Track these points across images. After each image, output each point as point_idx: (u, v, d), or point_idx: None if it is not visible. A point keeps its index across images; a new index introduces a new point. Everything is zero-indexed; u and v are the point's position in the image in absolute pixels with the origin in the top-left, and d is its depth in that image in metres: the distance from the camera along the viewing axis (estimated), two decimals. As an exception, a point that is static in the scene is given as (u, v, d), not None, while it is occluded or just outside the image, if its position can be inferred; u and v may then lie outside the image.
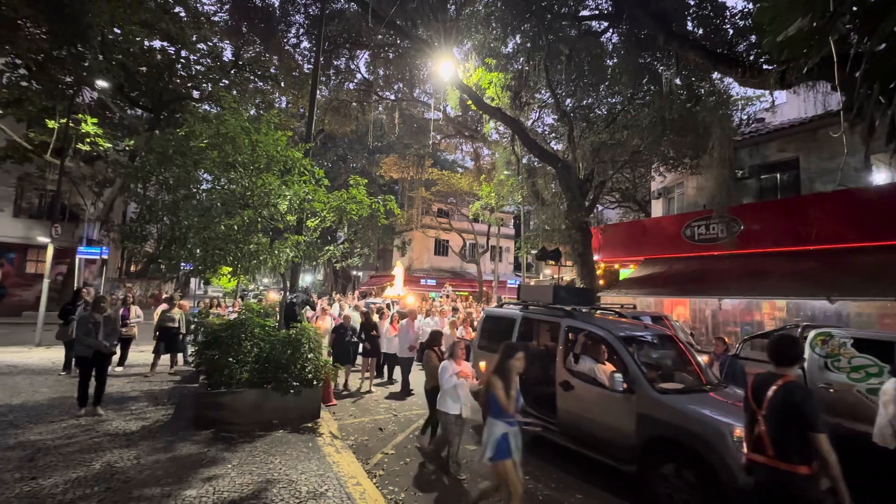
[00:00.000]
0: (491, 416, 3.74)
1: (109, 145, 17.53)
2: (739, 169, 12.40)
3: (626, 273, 15.11)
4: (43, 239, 16.77)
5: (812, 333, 5.99)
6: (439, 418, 5.00)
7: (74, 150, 16.79)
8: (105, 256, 17.78)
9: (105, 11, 12.94)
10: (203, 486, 4.15)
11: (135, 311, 9.38)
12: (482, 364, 5.26)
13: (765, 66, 8.01)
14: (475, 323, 10.44)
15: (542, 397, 5.88)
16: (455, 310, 13.55)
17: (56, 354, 8.05)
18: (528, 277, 27.73)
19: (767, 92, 9.83)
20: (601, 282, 13.81)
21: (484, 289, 27.76)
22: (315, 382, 6.40)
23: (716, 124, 9.85)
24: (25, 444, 4.88)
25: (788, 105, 15.03)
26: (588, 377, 5.22)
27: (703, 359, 5.99)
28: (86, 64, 14.57)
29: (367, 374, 9.10)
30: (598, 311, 6.82)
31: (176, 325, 9.25)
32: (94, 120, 16.40)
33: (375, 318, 9.61)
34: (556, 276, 28.44)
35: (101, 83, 15.60)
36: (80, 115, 16.12)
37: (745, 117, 14.66)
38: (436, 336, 6.01)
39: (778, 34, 2.42)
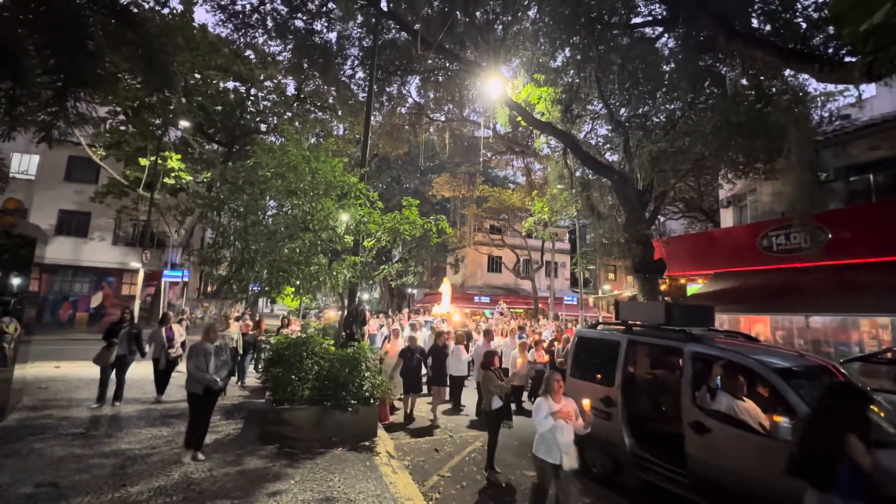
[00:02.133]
0: (842, 499, 2.70)
1: (190, 178, 19.50)
2: (822, 171, 11.24)
3: (693, 288, 14.07)
4: (135, 264, 18.85)
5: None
6: (534, 464, 4.27)
7: (162, 183, 18.86)
8: (186, 279, 19.55)
9: (187, 60, 14.64)
10: (268, 501, 4.32)
11: (178, 330, 8.40)
12: (586, 402, 4.30)
13: (847, 59, 7.26)
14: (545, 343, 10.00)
15: (659, 439, 5.02)
16: (521, 328, 12.28)
17: (147, 370, 8.66)
18: (587, 294, 26.67)
19: (852, 86, 8.89)
20: (665, 298, 12.95)
21: (539, 305, 27.09)
22: (372, 401, 6.51)
23: (791, 124, 9.01)
24: (118, 452, 5.37)
25: (879, 99, 13.47)
26: (731, 418, 4.25)
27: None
28: (171, 107, 16.45)
29: (438, 403, 8.24)
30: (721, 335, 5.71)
31: (233, 344, 8.79)
32: (178, 156, 18.39)
33: (451, 341, 8.87)
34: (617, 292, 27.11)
35: (184, 123, 17.52)
36: (166, 153, 18.14)
37: (825, 115, 13.34)
38: (489, 357, 5.92)
39: (861, 23, 2.18)
